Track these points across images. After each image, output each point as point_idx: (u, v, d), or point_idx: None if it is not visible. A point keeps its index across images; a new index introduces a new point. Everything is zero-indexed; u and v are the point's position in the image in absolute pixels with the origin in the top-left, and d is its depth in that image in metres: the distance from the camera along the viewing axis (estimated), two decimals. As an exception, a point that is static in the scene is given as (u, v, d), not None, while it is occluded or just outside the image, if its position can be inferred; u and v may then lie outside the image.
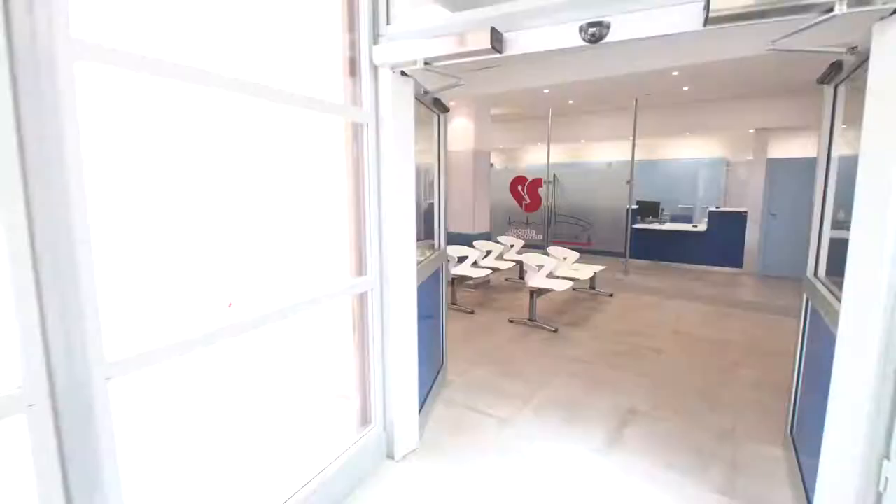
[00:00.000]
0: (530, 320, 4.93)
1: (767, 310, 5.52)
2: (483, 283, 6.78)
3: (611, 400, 3.25)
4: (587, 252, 8.27)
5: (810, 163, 7.02)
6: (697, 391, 3.38)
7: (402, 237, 2.47)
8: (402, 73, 2.36)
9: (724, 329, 4.81)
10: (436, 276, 3.35)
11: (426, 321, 3.14)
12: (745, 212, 7.66)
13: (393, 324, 2.49)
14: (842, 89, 2.29)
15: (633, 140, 7.10)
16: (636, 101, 6.77)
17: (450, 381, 3.59)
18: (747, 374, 3.68)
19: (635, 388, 3.44)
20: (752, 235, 7.57)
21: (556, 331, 4.71)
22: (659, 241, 8.31)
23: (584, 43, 1.84)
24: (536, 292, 4.89)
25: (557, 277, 5.39)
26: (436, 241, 3.47)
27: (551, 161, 12.14)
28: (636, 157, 8.18)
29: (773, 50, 1.81)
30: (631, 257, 8.17)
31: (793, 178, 7.20)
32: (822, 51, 1.88)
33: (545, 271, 5.16)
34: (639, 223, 8.49)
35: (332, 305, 2.27)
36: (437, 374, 3.41)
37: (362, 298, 2.48)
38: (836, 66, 2.07)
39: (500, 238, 6.81)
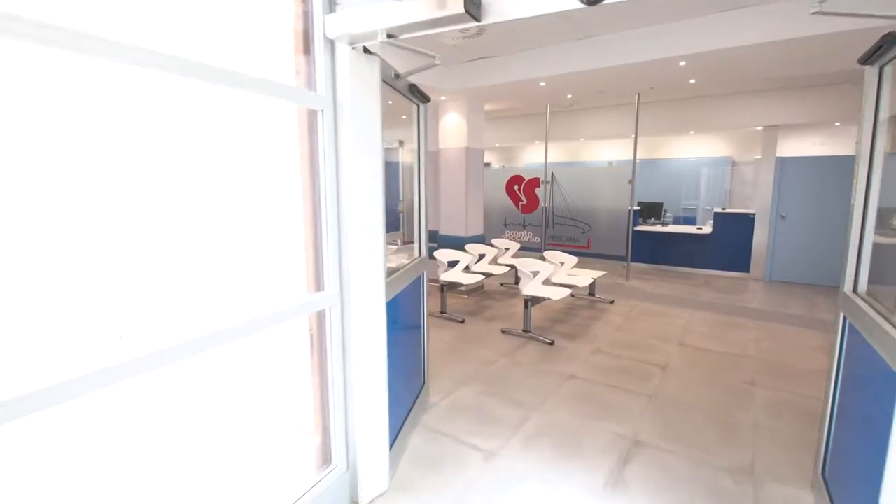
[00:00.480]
0: (524, 331, 4.55)
1: (779, 319, 5.14)
2: (476, 289, 6.41)
3: (611, 427, 2.88)
4: (586, 255, 7.90)
5: (823, 162, 6.66)
6: (708, 417, 3.01)
7: (367, 245, 2.10)
8: (365, 51, 1.99)
9: (733, 341, 4.43)
10: (415, 285, 2.98)
11: (403, 338, 2.77)
12: (753, 214, 7.28)
13: (356, 347, 2.11)
14: (889, 70, 1.91)
15: (635, 138, 6.73)
16: (638, 96, 6.40)
17: (432, 403, 3.21)
18: (764, 396, 3.30)
19: (638, 412, 3.07)
20: (760, 239, 7.20)
21: (552, 343, 4.33)
22: (662, 244, 7.94)
23: (580, 5, 1.46)
24: (531, 301, 4.51)
25: (554, 284, 5.02)
26: (416, 247, 3.10)
27: (550, 160, 11.78)
28: (638, 157, 7.83)
29: (819, 13, 1.43)
30: (632, 261, 7.80)
31: (804, 178, 6.83)
32: (878, 16, 1.51)
33: (540, 278, 4.78)
34: (641, 225, 8.12)
35: (279, 330, 1.90)
36: (417, 396, 3.04)
37: (320, 318, 2.10)
38: (889, 39, 1.70)
39: (494, 241, 6.43)
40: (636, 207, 8.07)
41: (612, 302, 5.80)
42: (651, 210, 8.48)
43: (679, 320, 5.10)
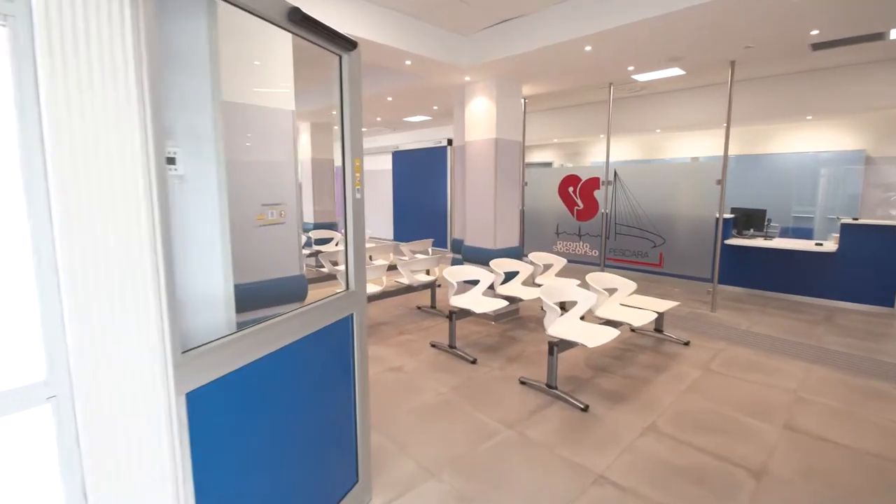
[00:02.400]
0: (548, 386, 3.31)
1: (957, 389, 3.37)
2: (509, 314, 5.20)
3: None
4: (658, 275, 6.34)
5: None
6: None
7: (113, 287, 1.09)
8: None
9: (879, 427, 2.84)
10: (337, 332, 1.93)
11: (296, 427, 1.73)
12: (902, 226, 5.30)
13: (96, 475, 1.11)
14: None
15: (727, 125, 5.11)
16: (732, 66, 4.81)
17: (369, 511, 2.13)
18: (958, 566, 1.81)
19: (707, 578, 1.75)
20: (913, 260, 5.20)
21: (585, 409, 3.05)
22: (764, 263, 6.13)
23: None
24: (558, 346, 3.25)
25: (599, 320, 3.70)
26: (345, 277, 2.05)
27: (621, 157, 10.15)
28: (733, 152, 6.15)
29: None
30: (721, 283, 6.11)
31: None
32: None
33: (576, 312, 3.50)
34: (734, 238, 6.37)
35: None
36: (340, 501, 1.98)
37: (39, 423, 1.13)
38: None
39: (531, 255, 5.18)
40: (728, 215, 6.35)
41: (686, 343, 4.30)
42: (750, 219, 6.66)
43: (787, 380, 3.52)
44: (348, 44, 1.83)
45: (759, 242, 6.08)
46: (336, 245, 7.70)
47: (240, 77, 2.80)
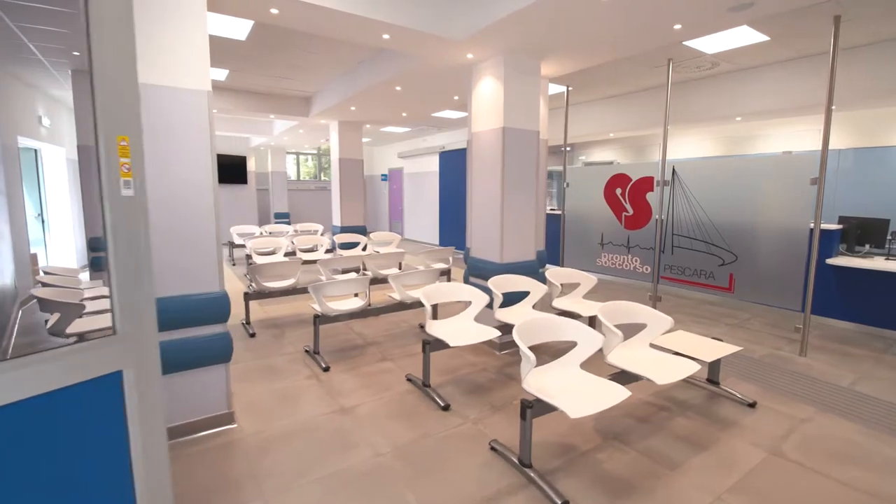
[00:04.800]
0: (522, 463, 2.37)
1: None
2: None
3: None
4: (727, 299, 5.00)
5: None
6: None
7: None
8: None
9: None
10: (85, 400, 1.26)
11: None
12: None
13: None
14: None
15: (828, 106, 3.74)
16: (836, 21, 3.47)
17: None
18: None
19: None
20: None
21: (564, 506, 2.09)
22: (885, 290, 4.55)
23: None
24: (531, 408, 2.31)
25: (613, 370, 2.68)
26: (112, 310, 1.35)
27: (692, 154, 8.60)
28: (845, 144, 4.68)
29: None
30: (817, 313, 4.68)
31: None
32: None
33: (573, 359, 2.54)
34: (840, 256, 4.84)
35: None
36: None
37: None
38: None
39: (548, 272, 4.18)
40: (832, 226, 4.84)
41: (752, 405, 3.09)
42: (866, 231, 5.05)
43: (909, 485, 2.26)
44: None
45: (879, 264, 4.51)
46: (363, 250, 7.20)
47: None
